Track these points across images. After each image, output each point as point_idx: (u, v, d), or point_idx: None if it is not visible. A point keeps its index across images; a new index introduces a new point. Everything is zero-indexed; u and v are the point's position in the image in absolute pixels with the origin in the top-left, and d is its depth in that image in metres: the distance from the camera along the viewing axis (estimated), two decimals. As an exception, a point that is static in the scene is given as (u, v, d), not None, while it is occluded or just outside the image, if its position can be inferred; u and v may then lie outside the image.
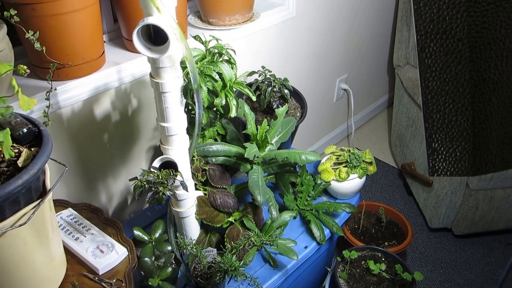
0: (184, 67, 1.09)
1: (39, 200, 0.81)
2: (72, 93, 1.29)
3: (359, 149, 1.67)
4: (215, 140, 1.56)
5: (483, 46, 0.63)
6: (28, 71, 0.90)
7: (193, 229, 1.38)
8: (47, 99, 1.08)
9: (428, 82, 0.66)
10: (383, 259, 1.64)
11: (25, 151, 0.82)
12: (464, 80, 0.65)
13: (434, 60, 0.65)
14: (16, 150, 0.82)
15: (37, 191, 0.83)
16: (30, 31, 1.02)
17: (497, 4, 0.60)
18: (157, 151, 1.65)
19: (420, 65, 0.66)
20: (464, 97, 0.66)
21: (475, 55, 0.63)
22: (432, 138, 0.71)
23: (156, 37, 0.98)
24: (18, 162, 0.79)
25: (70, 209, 1.20)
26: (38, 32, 1.03)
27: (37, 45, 1.03)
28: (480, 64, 0.64)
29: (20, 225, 0.78)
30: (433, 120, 0.69)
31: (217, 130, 1.55)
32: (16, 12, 1.00)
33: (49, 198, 0.86)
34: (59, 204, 1.22)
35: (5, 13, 1.01)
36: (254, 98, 1.34)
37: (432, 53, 0.64)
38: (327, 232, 1.52)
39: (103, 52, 1.37)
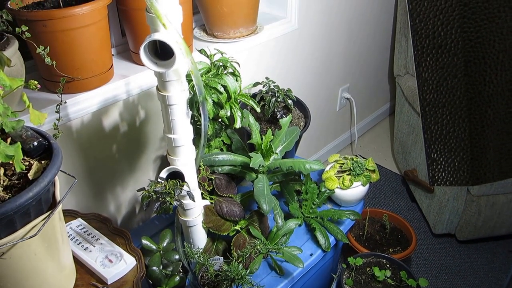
0: (189, 80, 1.11)
1: (49, 212, 0.83)
2: (81, 105, 1.32)
3: (362, 157, 1.69)
4: (221, 150, 1.58)
5: (478, 60, 0.65)
6: (38, 86, 0.92)
7: (200, 238, 1.40)
8: (57, 112, 1.11)
9: (426, 95, 0.69)
10: (388, 265, 1.66)
11: (35, 164, 0.84)
12: (460, 93, 0.67)
13: (431, 74, 0.67)
14: (27, 163, 0.85)
15: (47, 203, 0.85)
16: (41, 46, 1.05)
17: (490, 20, 0.62)
18: (164, 161, 1.67)
19: (418, 79, 0.68)
20: (460, 109, 0.69)
21: (470, 69, 0.66)
22: (431, 148, 0.73)
23: (162, 52, 1.01)
24: (28, 174, 0.81)
25: (79, 219, 1.22)
26: (48, 47, 1.07)
27: (47, 59, 1.06)
28: (475, 78, 0.66)
29: (31, 237, 0.79)
30: (431, 131, 0.71)
31: (222, 140, 1.58)
32: (27, 28, 1.04)
33: (59, 209, 0.89)
34: (69, 214, 1.24)
35: (17, 29, 1.04)
36: (258, 110, 1.36)
37: (429, 67, 0.67)
38: (332, 239, 1.54)
39: (112, 65, 1.40)
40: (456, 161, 0.73)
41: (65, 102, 1.26)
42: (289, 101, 1.66)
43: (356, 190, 1.62)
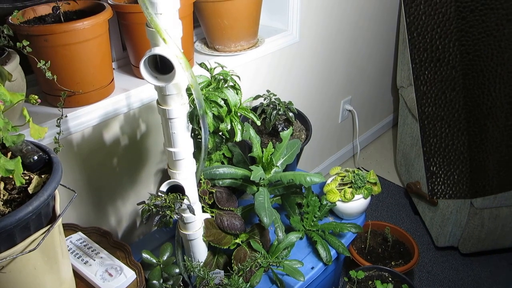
0: (190, 94, 1.12)
1: (48, 226, 0.83)
2: (82, 119, 1.32)
3: (365, 169, 1.69)
4: (222, 163, 1.58)
5: (476, 74, 0.65)
6: (39, 100, 0.92)
7: (200, 251, 1.40)
8: (58, 126, 1.11)
9: (425, 108, 0.69)
10: (390, 278, 1.65)
11: (35, 178, 0.84)
12: (459, 106, 0.67)
13: (429, 87, 0.67)
14: (27, 177, 0.85)
15: (47, 217, 0.85)
16: (42, 60, 1.06)
17: (487, 34, 0.62)
18: (165, 174, 1.67)
19: (416, 92, 0.68)
20: (459, 122, 0.69)
21: (469, 82, 0.66)
22: (430, 161, 0.73)
23: (162, 66, 1.02)
24: (28, 189, 0.82)
25: (79, 233, 1.22)
26: (49, 61, 1.08)
27: (48, 74, 1.07)
28: (474, 91, 0.66)
29: (30, 251, 0.79)
30: (430, 144, 0.71)
31: (223, 153, 1.58)
32: (28, 43, 1.05)
33: (58, 223, 0.89)
34: (69, 228, 1.24)
35: (18, 44, 1.05)
36: (258, 123, 1.36)
37: (427, 80, 0.67)
38: (333, 252, 1.53)
39: (113, 79, 1.41)
40: (456, 174, 0.73)
41: (66, 116, 1.26)
42: (290, 114, 1.66)
43: (358, 203, 1.62)
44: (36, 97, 0.92)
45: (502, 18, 0.61)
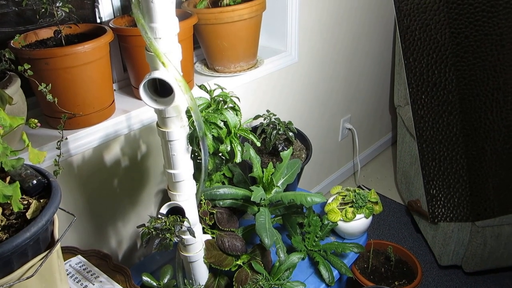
0: (189, 116, 1.12)
1: (47, 252, 0.83)
2: (82, 141, 1.33)
3: (366, 187, 1.68)
4: (223, 183, 1.58)
5: (472, 98, 0.65)
6: (38, 124, 0.93)
7: (201, 273, 1.39)
8: (58, 148, 1.11)
9: (423, 132, 0.69)
10: (393, 299, 1.63)
11: (34, 203, 0.84)
12: (456, 130, 0.68)
13: (427, 111, 0.67)
14: (26, 202, 0.84)
15: (45, 242, 0.84)
16: (42, 84, 1.06)
17: (483, 59, 0.63)
18: (166, 195, 1.67)
19: (414, 116, 0.69)
20: (457, 146, 0.69)
21: (465, 106, 0.66)
22: (430, 185, 0.73)
23: (162, 89, 1.02)
24: (27, 214, 0.81)
25: (79, 256, 1.21)
26: (50, 84, 1.08)
27: (49, 96, 1.07)
28: (471, 115, 0.66)
29: (28, 278, 0.78)
30: (429, 168, 0.71)
31: (224, 174, 1.58)
32: (29, 66, 1.05)
33: (57, 248, 0.88)
34: (68, 251, 1.23)
35: (19, 67, 1.05)
36: (258, 144, 1.37)
37: (424, 105, 0.67)
38: (336, 273, 1.52)
39: (113, 100, 1.41)
40: (456, 197, 0.72)
41: (66, 139, 1.27)
42: (290, 134, 1.66)
43: (359, 222, 1.61)
44: (36, 121, 0.92)
45: (496, 44, 0.61)
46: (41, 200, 0.85)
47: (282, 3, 1.91)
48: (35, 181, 0.86)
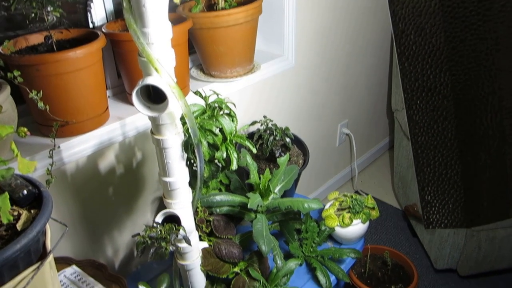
0: (184, 123, 1.11)
1: (38, 263, 0.81)
2: (76, 149, 1.31)
3: (363, 192, 1.67)
4: (219, 190, 1.57)
5: (467, 103, 0.64)
6: (28, 133, 0.91)
7: (198, 281, 1.37)
8: (50, 157, 1.10)
9: (417, 137, 0.68)
10: (391, 305, 1.62)
11: (24, 214, 0.82)
12: (451, 135, 0.67)
13: (421, 117, 0.66)
14: (16, 213, 0.83)
15: (36, 253, 0.82)
16: (33, 91, 1.03)
17: (477, 63, 0.62)
18: (162, 202, 1.65)
19: (409, 121, 0.68)
20: (452, 151, 0.68)
21: (460, 111, 0.65)
22: (424, 191, 0.72)
23: (155, 95, 1.01)
24: (17, 225, 0.79)
25: (73, 266, 1.20)
26: (41, 91, 1.05)
27: (40, 104, 1.04)
28: (466, 120, 0.66)
29: (19, 290, 0.77)
30: (424, 174, 0.70)
31: (220, 180, 1.57)
32: (19, 73, 1.02)
33: (49, 260, 0.86)
34: (63, 261, 1.22)
35: (9, 74, 1.03)
36: (254, 151, 1.35)
37: (419, 110, 0.66)
38: (333, 278, 1.51)
39: (107, 107, 1.40)
40: (450, 203, 0.72)
41: (59, 147, 1.25)
42: (287, 139, 1.65)
43: (356, 228, 1.60)
44: (25, 129, 0.90)
45: (491, 48, 0.60)
46: (32, 211, 0.84)
47: (278, 7, 1.90)
48: (25, 191, 0.85)
